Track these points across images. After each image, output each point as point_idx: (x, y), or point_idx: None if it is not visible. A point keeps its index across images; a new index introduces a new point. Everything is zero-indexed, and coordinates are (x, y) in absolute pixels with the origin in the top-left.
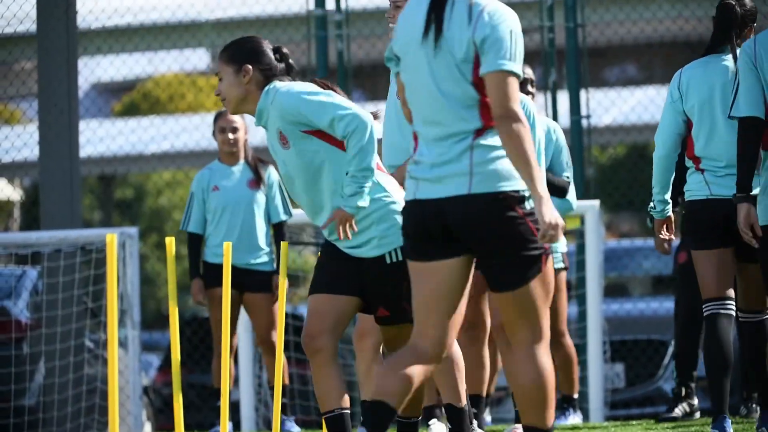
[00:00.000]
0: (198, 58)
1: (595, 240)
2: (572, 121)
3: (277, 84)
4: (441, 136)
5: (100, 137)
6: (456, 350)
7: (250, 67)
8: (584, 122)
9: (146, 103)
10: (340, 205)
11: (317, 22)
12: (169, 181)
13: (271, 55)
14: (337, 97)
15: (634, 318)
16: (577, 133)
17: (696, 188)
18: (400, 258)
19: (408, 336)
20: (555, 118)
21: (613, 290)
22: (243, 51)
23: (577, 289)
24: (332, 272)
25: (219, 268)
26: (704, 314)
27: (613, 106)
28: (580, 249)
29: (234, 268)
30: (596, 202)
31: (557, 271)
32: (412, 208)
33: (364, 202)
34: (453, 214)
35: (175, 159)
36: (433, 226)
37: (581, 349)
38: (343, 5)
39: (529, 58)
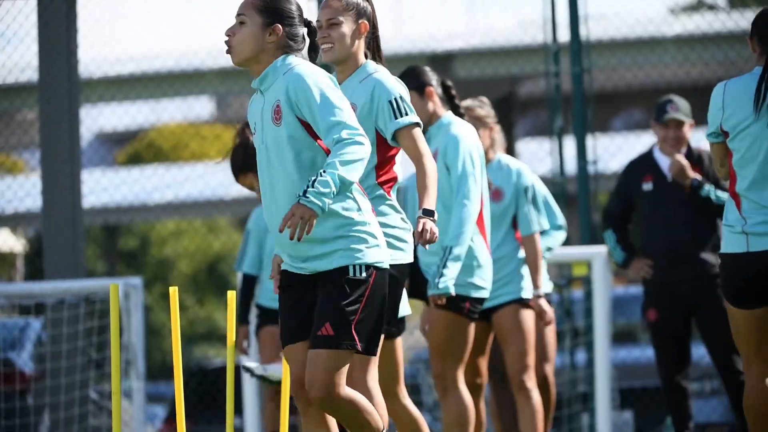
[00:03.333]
0: (201, 107)
1: (602, 286)
2: (579, 166)
3: (299, 59)
4: None
5: (104, 187)
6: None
7: (281, 28)
8: (591, 168)
9: (150, 152)
10: (302, 201)
11: None
12: (173, 231)
13: (300, 27)
14: (347, 103)
15: (643, 365)
16: (583, 178)
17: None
18: (364, 276)
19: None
20: (561, 163)
21: (622, 337)
22: (281, 9)
23: (585, 336)
24: (298, 317)
25: (274, 313)
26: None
27: (620, 152)
28: (588, 296)
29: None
30: (604, 249)
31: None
32: (743, 259)
33: (326, 206)
34: None
35: (179, 208)
36: (764, 275)
37: (590, 396)
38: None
39: (535, 104)
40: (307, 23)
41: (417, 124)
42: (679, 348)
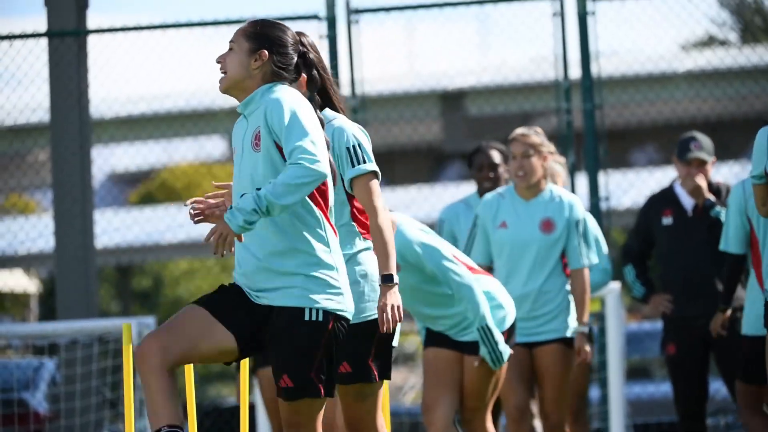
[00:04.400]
0: (213, 146)
1: (616, 323)
2: (591, 203)
3: (285, 87)
4: None
5: (116, 227)
6: None
7: (267, 54)
8: (603, 204)
9: (162, 191)
10: (225, 216)
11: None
12: (186, 270)
13: (294, 57)
14: (320, 135)
15: (658, 400)
16: (596, 215)
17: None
18: (321, 319)
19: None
20: None
21: (636, 373)
22: (269, 36)
23: (599, 372)
24: (251, 328)
25: None
26: None
27: (633, 188)
28: (602, 332)
29: None
30: (617, 285)
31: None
32: None
33: (243, 224)
34: None
35: (191, 248)
36: None
37: None
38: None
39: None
40: (302, 54)
41: (374, 174)
42: (697, 383)
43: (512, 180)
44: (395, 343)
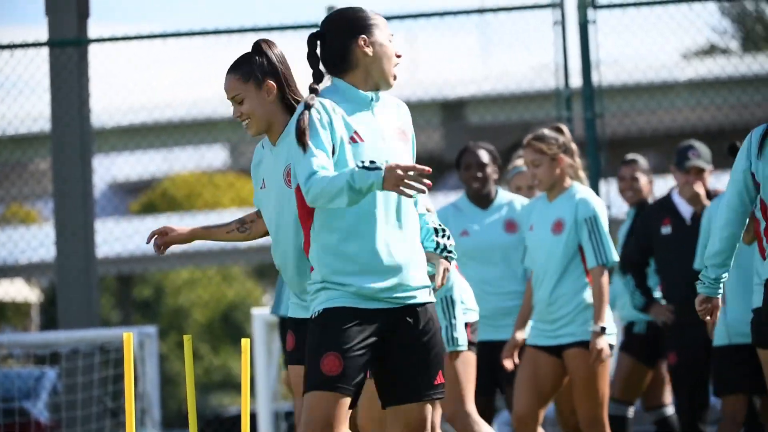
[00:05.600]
0: (214, 155)
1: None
2: None
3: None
4: None
5: (117, 236)
6: None
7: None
8: None
9: (163, 201)
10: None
11: None
12: (187, 280)
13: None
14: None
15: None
16: None
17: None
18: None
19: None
20: None
21: None
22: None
23: None
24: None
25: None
26: None
27: None
28: None
29: None
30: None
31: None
32: None
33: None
34: None
35: (193, 257)
36: None
37: None
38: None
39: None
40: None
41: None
42: (699, 391)
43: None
44: None
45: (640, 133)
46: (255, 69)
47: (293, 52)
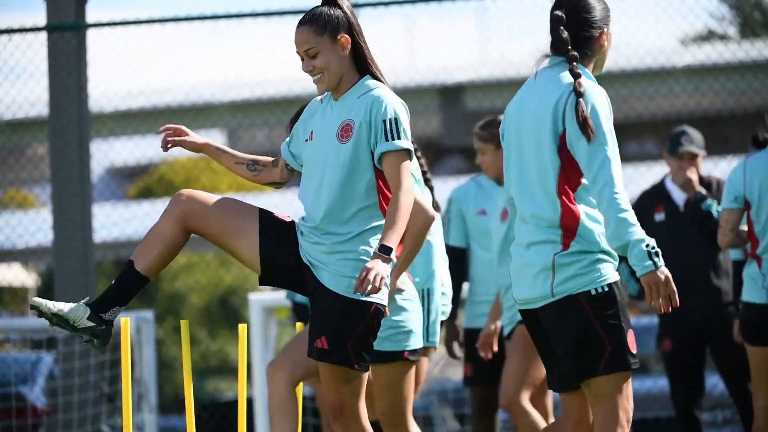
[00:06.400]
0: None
1: None
2: None
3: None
4: None
5: (115, 221)
6: None
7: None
8: None
9: (161, 186)
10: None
11: None
12: (184, 265)
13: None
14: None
15: (655, 395)
16: None
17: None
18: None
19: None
20: None
21: None
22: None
23: None
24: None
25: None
26: None
27: (632, 182)
28: None
29: None
30: None
31: None
32: (764, 309)
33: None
34: None
35: (190, 242)
36: None
37: None
38: None
39: None
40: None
41: (407, 152)
42: (693, 377)
43: None
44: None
45: (638, 118)
46: (330, 22)
47: (293, 38)
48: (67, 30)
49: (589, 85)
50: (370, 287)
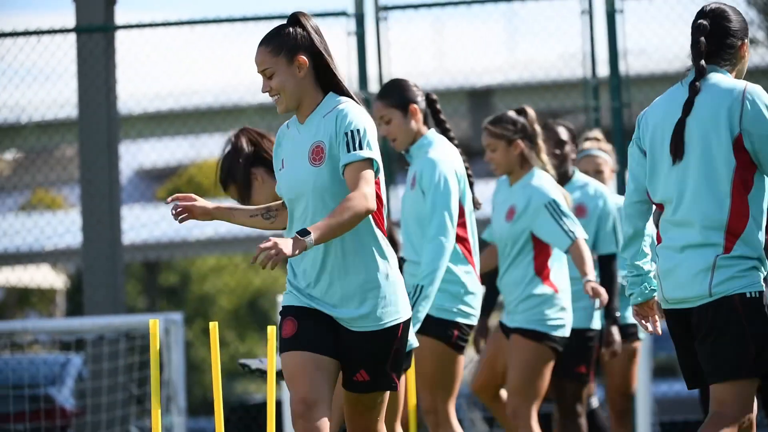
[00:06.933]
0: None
1: None
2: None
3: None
4: None
5: (144, 223)
6: None
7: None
8: None
9: (189, 188)
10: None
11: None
12: (213, 267)
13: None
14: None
15: (684, 399)
16: None
17: None
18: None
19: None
20: None
21: (663, 371)
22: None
23: None
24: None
25: None
26: None
27: None
28: None
29: None
30: None
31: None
32: None
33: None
34: None
35: (219, 244)
36: None
37: (631, 431)
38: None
39: (576, 138)
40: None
41: (370, 161)
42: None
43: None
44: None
45: None
46: (287, 42)
47: None
48: (95, 31)
49: (756, 87)
50: (262, 256)
